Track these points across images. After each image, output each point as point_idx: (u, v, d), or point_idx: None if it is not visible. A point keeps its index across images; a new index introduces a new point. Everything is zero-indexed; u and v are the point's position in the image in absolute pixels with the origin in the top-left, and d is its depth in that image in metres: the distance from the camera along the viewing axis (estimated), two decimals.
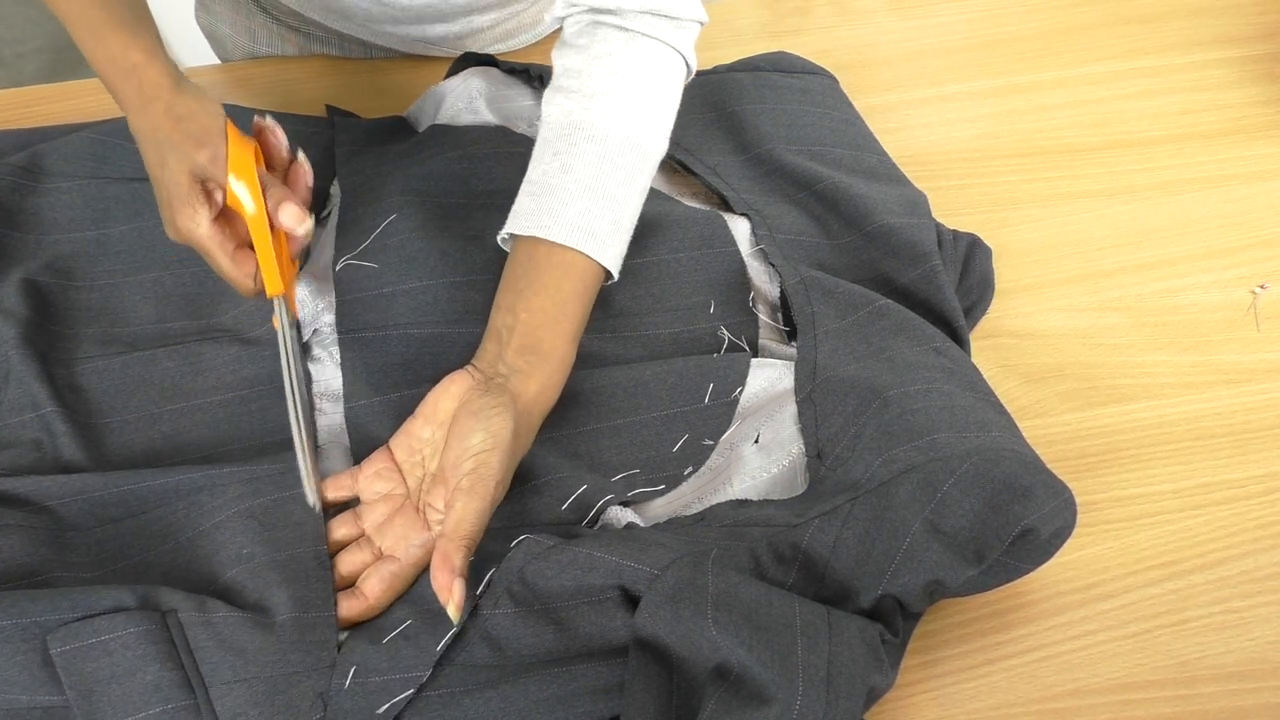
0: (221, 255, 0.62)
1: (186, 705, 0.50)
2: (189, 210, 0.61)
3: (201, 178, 0.61)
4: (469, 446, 0.57)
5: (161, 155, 0.62)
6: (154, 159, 0.62)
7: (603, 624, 0.54)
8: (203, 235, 0.62)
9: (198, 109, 0.62)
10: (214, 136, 0.61)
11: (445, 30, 0.91)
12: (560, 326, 0.63)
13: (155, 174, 0.63)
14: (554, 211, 0.64)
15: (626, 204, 0.66)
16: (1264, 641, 0.60)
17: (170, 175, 0.61)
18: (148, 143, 0.62)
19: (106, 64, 0.63)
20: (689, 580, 0.53)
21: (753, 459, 0.65)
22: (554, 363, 0.63)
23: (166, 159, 0.61)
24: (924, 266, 0.73)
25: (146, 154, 0.63)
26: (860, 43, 1.01)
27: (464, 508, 0.55)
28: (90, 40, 0.63)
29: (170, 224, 0.63)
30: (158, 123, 0.61)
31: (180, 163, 0.61)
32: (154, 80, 0.62)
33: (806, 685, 0.50)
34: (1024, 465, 0.58)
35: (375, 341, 0.67)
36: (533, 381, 0.61)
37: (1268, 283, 0.80)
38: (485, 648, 0.54)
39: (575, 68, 0.68)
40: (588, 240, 0.64)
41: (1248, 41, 1.02)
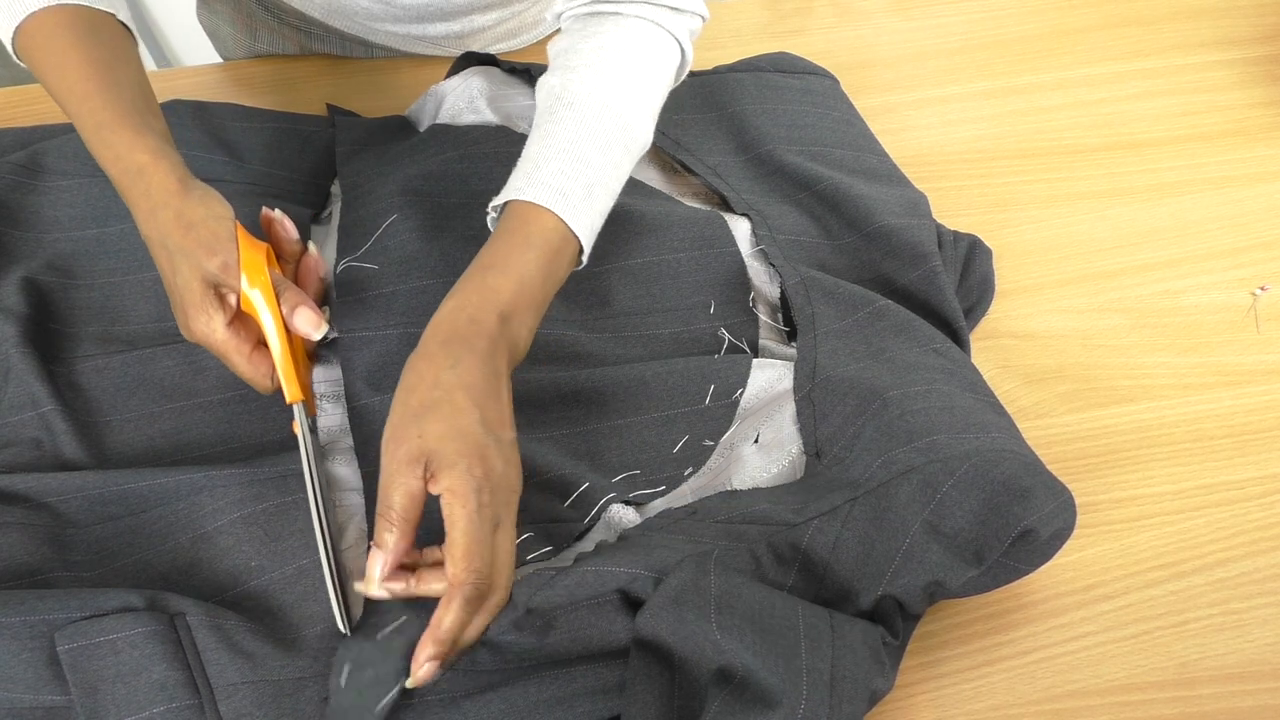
0: (238, 358, 0.61)
1: (190, 705, 0.50)
2: (204, 316, 0.61)
3: (214, 284, 0.61)
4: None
5: (173, 261, 0.61)
6: (165, 264, 0.62)
7: (603, 627, 0.54)
8: (219, 340, 0.61)
9: (206, 214, 0.61)
10: (225, 243, 0.60)
11: (447, 29, 0.91)
12: (510, 255, 0.60)
13: (168, 279, 0.62)
14: (528, 175, 0.63)
15: (600, 171, 0.64)
16: (1264, 643, 0.60)
17: (183, 281, 0.61)
18: (158, 248, 0.61)
19: (112, 163, 0.62)
20: (692, 582, 0.53)
21: (752, 459, 0.65)
22: (475, 288, 0.59)
23: (178, 265, 0.60)
24: (924, 267, 0.73)
25: (157, 258, 0.62)
26: (861, 43, 1.01)
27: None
28: (94, 137, 0.62)
29: (185, 326, 0.62)
30: (167, 230, 0.60)
31: (193, 270, 0.60)
32: (161, 184, 0.61)
33: (810, 689, 0.50)
34: (1024, 466, 0.58)
35: (377, 341, 0.67)
36: (444, 306, 0.59)
37: (1268, 284, 0.80)
38: (486, 652, 0.54)
39: (565, 48, 0.68)
40: (558, 199, 0.61)
41: (1248, 43, 1.03)
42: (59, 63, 0.64)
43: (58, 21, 0.64)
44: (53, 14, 0.64)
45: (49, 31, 0.64)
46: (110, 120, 0.62)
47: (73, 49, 0.63)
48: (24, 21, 0.64)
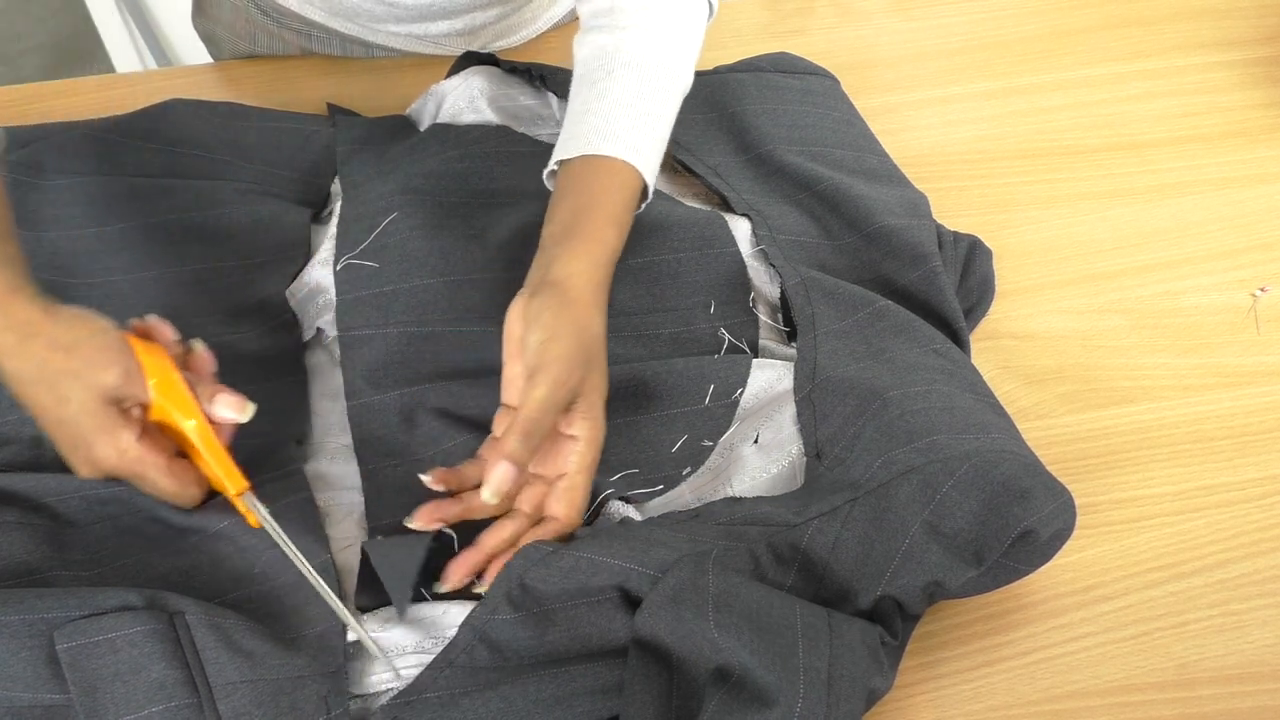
0: (158, 474, 0.56)
1: (189, 704, 0.50)
2: (108, 438, 0.55)
3: (115, 399, 0.55)
4: (529, 347, 0.60)
5: (59, 392, 0.54)
6: (49, 400, 0.55)
7: (602, 625, 0.54)
8: (132, 459, 0.55)
9: (85, 333, 0.55)
10: (116, 354, 0.55)
11: (449, 27, 0.91)
12: (598, 212, 0.64)
13: (55, 415, 0.55)
14: (597, 130, 0.66)
15: (662, 123, 0.69)
16: (1263, 644, 0.60)
17: (76, 409, 0.54)
18: (36, 385, 0.55)
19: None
20: (690, 581, 0.53)
21: (752, 459, 0.65)
22: (595, 241, 0.64)
23: (67, 393, 0.54)
24: (924, 268, 0.73)
25: (37, 397, 0.55)
26: (861, 44, 1.01)
27: (526, 396, 0.58)
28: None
29: (86, 462, 0.55)
30: (44, 359, 0.54)
31: (87, 391, 0.54)
32: (23, 316, 0.55)
33: (808, 688, 0.50)
34: (1023, 467, 0.58)
35: (375, 340, 0.67)
36: (576, 261, 0.63)
37: (1268, 285, 0.80)
38: (485, 650, 0.54)
39: (604, 8, 0.70)
40: (630, 153, 0.66)
41: (1249, 44, 1.03)
42: None
43: None
44: None
45: None
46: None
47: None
48: None
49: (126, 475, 0.56)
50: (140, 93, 0.89)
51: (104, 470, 0.56)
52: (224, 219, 0.74)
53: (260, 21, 0.93)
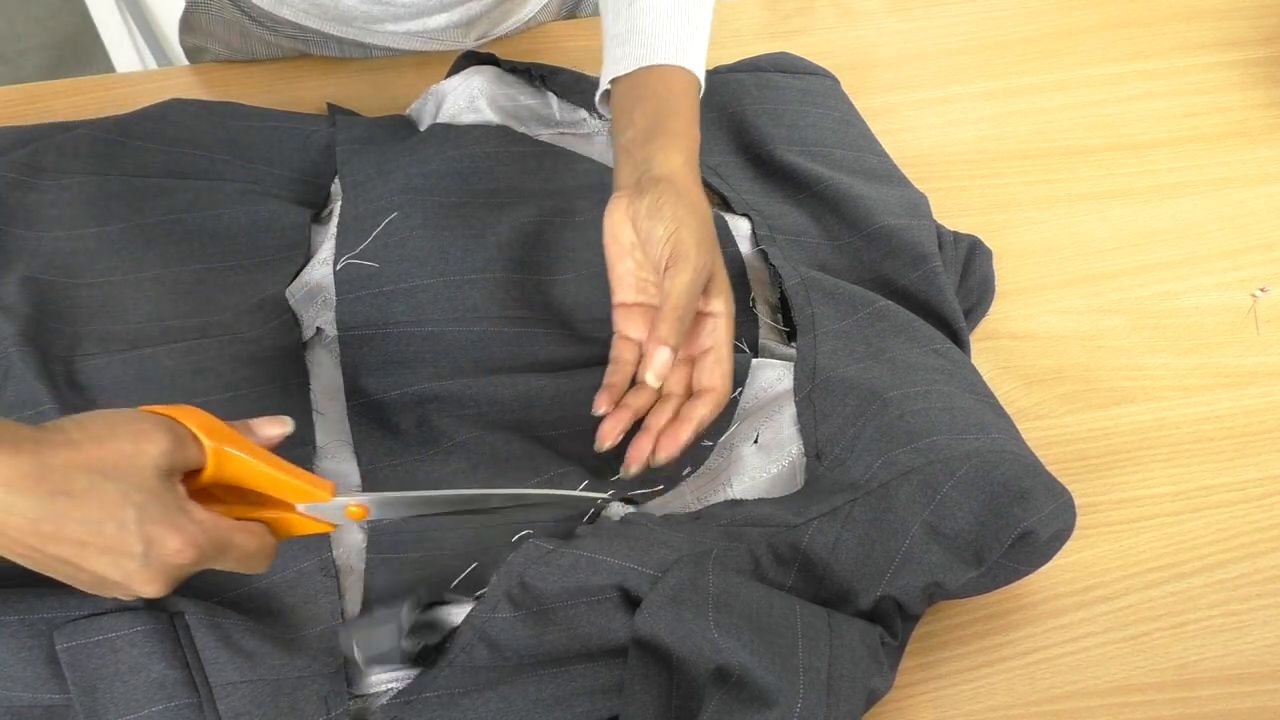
0: (242, 536, 0.50)
1: (189, 704, 0.50)
2: (182, 519, 0.47)
3: (170, 470, 0.48)
4: (656, 239, 0.62)
5: (104, 498, 0.45)
6: (93, 514, 0.45)
7: (602, 625, 0.54)
8: (213, 529, 0.48)
9: (105, 418, 0.48)
10: (150, 420, 0.48)
11: (446, 20, 0.91)
12: (676, 114, 0.67)
13: (102, 534, 0.46)
14: (649, 43, 0.68)
15: (701, 29, 0.71)
16: (1263, 645, 0.60)
17: (137, 505, 0.46)
18: (66, 509, 0.45)
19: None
20: (690, 581, 0.53)
21: (752, 459, 0.65)
22: (685, 137, 0.67)
23: (119, 492, 0.46)
24: (924, 268, 0.73)
25: (69, 528, 0.45)
26: (861, 44, 1.01)
27: (670, 284, 0.61)
28: None
29: (160, 568, 0.47)
30: (67, 472, 0.45)
31: (141, 474, 0.46)
32: (26, 433, 0.45)
33: (807, 688, 0.50)
34: (1023, 467, 0.58)
35: (376, 339, 0.67)
36: (675, 155, 0.65)
37: (1268, 285, 0.80)
38: (484, 649, 0.54)
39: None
40: (683, 56, 0.68)
41: (1249, 45, 1.03)
42: None
43: None
44: None
45: None
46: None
47: None
48: None
49: (208, 554, 0.48)
50: (140, 93, 0.89)
51: (181, 565, 0.47)
52: (224, 219, 0.74)
53: (255, 33, 0.93)
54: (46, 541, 0.45)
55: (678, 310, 0.61)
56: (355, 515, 0.53)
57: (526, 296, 0.70)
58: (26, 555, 0.46)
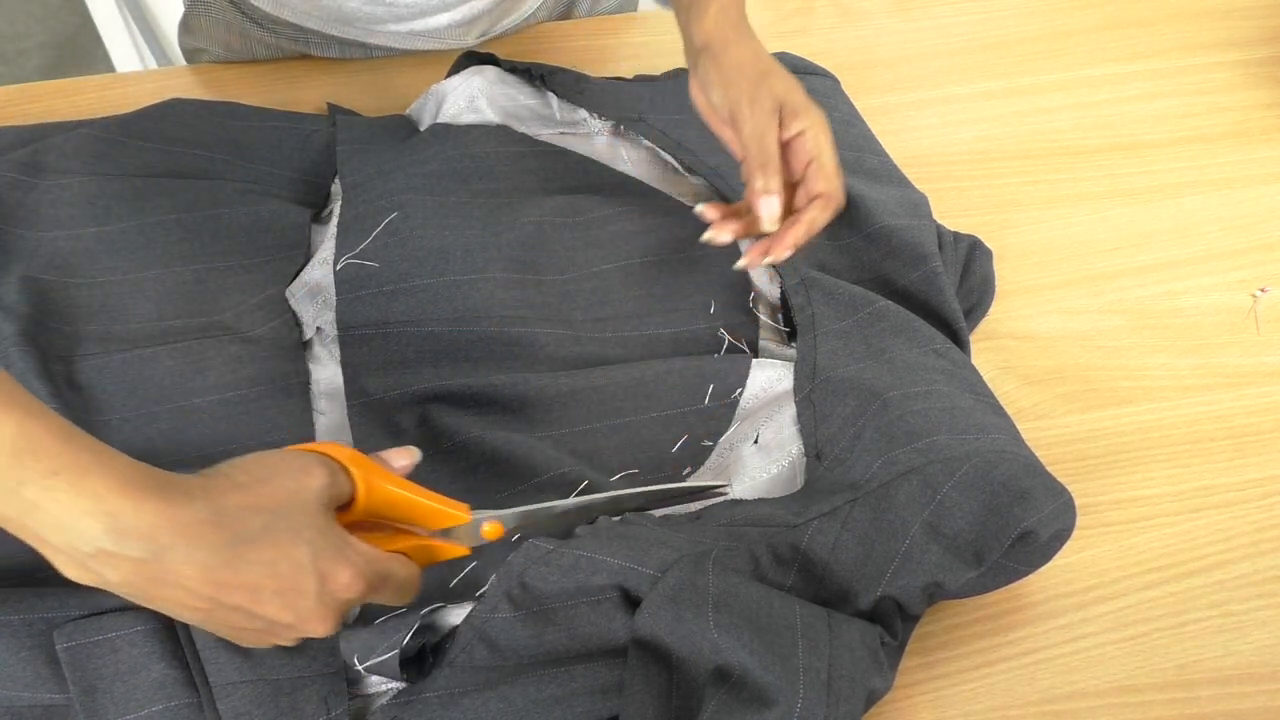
0: (397, 565, 0.50)
1: (189, 704, 0.50)
2: (350, 552, 0.47)
3: (329, 503, 0.48)
4: (717, 109, 0.69)
5: (276, 536, 0.45)
6: (270, 555, 0.45)
7: (602, 625, 0.54)
8: (374, 559, 0.48)
9: (263, 458, 0.48)
10: (304, 455, 0.48)
11: (448, 19, 0.91)
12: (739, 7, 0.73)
13: (278, 575, 0.45)
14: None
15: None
16: (1262, 645, 0.60)
17: (308, 541, 0.45)
18: (247, 542, 0.44)
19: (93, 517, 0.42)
20: (690, 581, 0.53)
21: (752, 460, 0.65)
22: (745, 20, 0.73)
23: (290, 529, 0.45)
24: (924, 268, 0.73)
25: (249, 571, 0.44)
26: (862, 44, 1.01)
27: (741, 141, 0.67)
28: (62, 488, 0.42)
29: (332, 603, 0.46)
30: (240, 514, 0.45)
31: (308, 512, 0.46)
32: (194, 481, 0.45)
33: (807, 688, 0.50)
34: (1024, 468, 0.58)
35: (376, 340, 0.67)
36: (705, 18, 0.71)
37: (1268, 286, 0.80)
38: (484, 649, 0.54)
39: None
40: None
41: (1249, 45, 1.03)
42: None
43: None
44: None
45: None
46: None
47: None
48: None
49: (373, 585, 0.48)
50: (140, 93, 0.89)
51: (349, 599, 0.47)
52: (224, 219, 0.74)
53: (255, 34, 0.93)
54: (223, 590, 0.44)
55: (757, 160, 0.66)
56: (491, 534, 0.54)
57: (527, 297, 0.70)
58: (199, 609, 0.45)
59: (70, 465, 0.42)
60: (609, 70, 0.93)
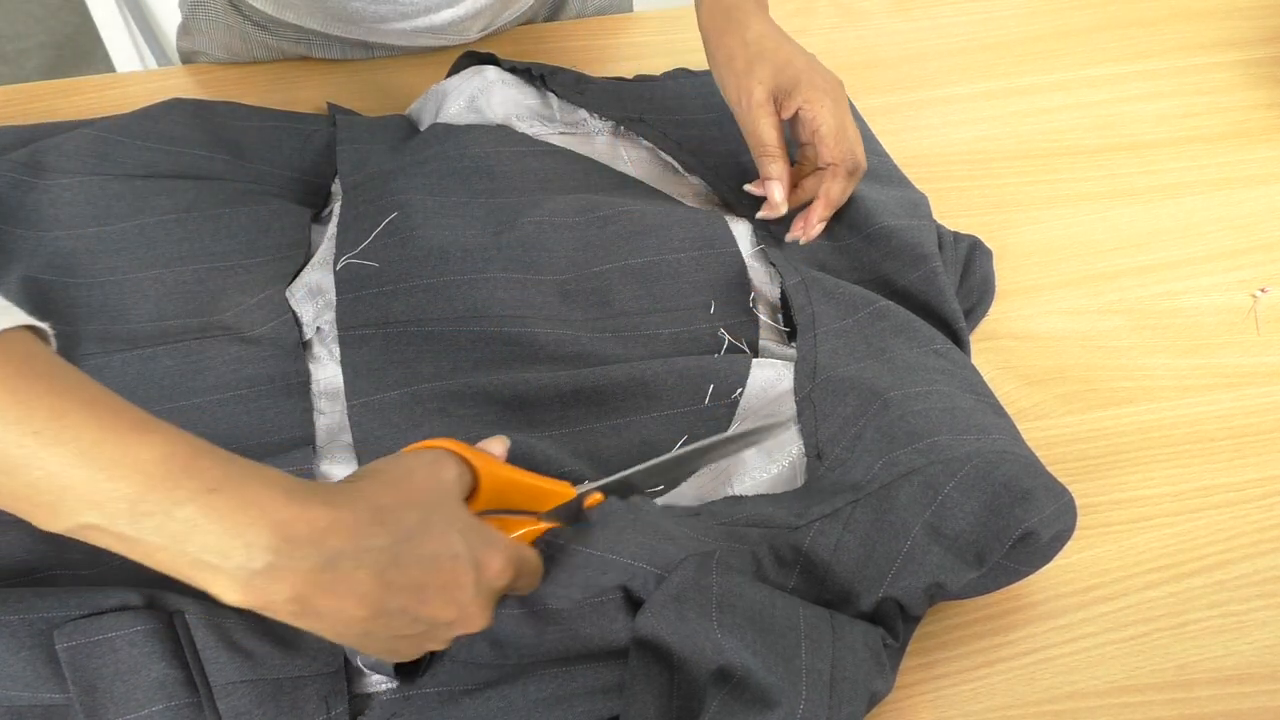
0: (527, 550, 0.50)
1: (189, 704, 0.50)
2: (494, 537, 0.48)
3: (463, 496, 0.49)
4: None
5: (433, 524, 0.45)
6: (429, 544, 0.45)
7: (604, 625, 0.54)
8: (511, 545, 0.49)
9: (390, 460, 0.48)
10: (437, 452, 0.49)
11: (452, 15, 0.91)
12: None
13: (446, 550, 0.45)
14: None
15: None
16: (1262, 645, 0.60)
17: (459, 532, 0.46)
18: (408, 538, 0.44)
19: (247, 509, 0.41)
20: (693, 581, 0.53)
21: (752, 459, 0.65)
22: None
23: (443, 523, 0.46)
24: (924, 268, 0.73)
25: (419, 549, 0.44)
26: (862, 44, 1.01)
27: (745, 132, 0.74)
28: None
29: (489, 592, 0.47)
30: (400, 513, 0.45)
31: (455, 503, 0.47)
32: (344, 487, 0.45)
33: (810, 690, 0.50)
34: (1024, 468, 0.58)
35: (376, 339, 0.67)
36: (700, 17, 0.77)
37: (1269, 286, 0.80)
38: (486, 646, 0.54)
39: None
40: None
41: (1250, 45, 1.03)
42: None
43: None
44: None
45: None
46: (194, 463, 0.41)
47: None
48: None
49: (517, 572, 0.49)
50: (140, 93, 0.89)
51: (500, 588, 0.48)
52: (224, 219, 0.74)
53: (256, 37, 0.93)
54: (390, 592, 0.43)
55: (755, 151, 0.73)
56: (594, 504, 0.55)
57: (527, 297, 0.70)
58: (361, 620, 0.43)
59: (228, 479, 0.41)
60: (609, 70, 0.93)
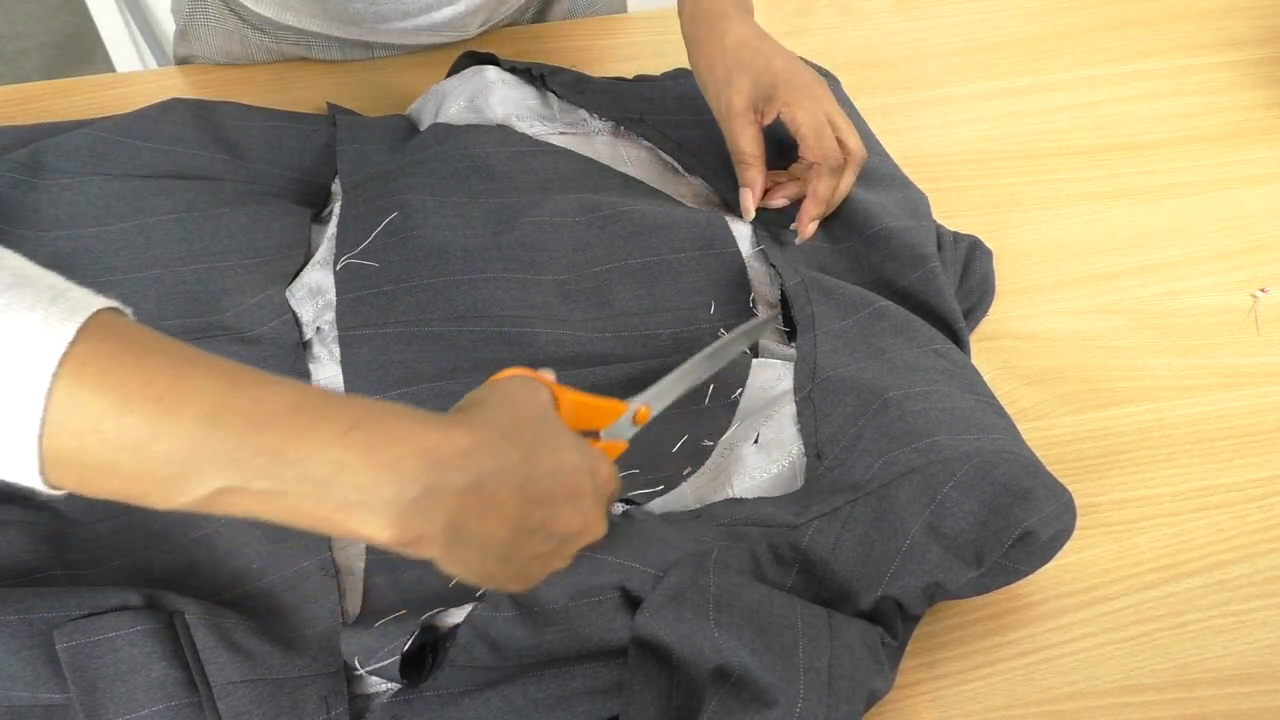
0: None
1: (189, 704, 0.50)
2: (595, 449, 0.50)
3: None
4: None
5: (547, 438, 0.47)
6: (551, 457, 0.46)
7: (602, 625, 0.54)
8: (598, 453, 0.50)
9: (485, 389, 0.48)
10: (517, 378, 0.49)
11: (453, 12, 0.91)
12: None
13: (565, 463, 0.47)
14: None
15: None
16: (1263, 645, 0.60)
17: (568, 441, 0.48)
18: (533, 452, 0.45)
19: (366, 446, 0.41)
20: (691, 580, 0.53)
21: (752, 459, 0.65)
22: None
23: (553, 431, 0.47)
24: (923, 269, 0.73)
25: (544, 462, 0.46)
26: (862, 44, 1.01)
27: (728, 141, 0.77)
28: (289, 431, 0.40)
29: (601, 496, 0.49)
30: (517, 421, 0.46)
31: (553, 418, 0.48)
32: (462, 415, 0.46)
33: (808, 688, 0.50)
34: (1024, 468, 0.58)
35: (376, 339, 0.67)
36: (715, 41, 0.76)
37: (1268, 286, 0.80)
38: (484, 649, 0.54)
39: None
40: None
41: (1249, 45, 1.03)
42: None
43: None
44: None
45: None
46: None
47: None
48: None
49: (616, 480, 0.51)
50: (140, 93, 0.89)
51: (610, 495, 0.50)
52: (224, 219, 0.74)
53: (255, 39, 0.93)
54: (530, 508, 0.45)
55: (734, 158, 0.76)
56: (641, 420, 0.56)
57: (527, 297, 0.70)
58: (506, 544, 0.45)
59: (366, 416, 0.41)
60: (609, 70, 0.93)
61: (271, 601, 0.56)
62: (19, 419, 0.38)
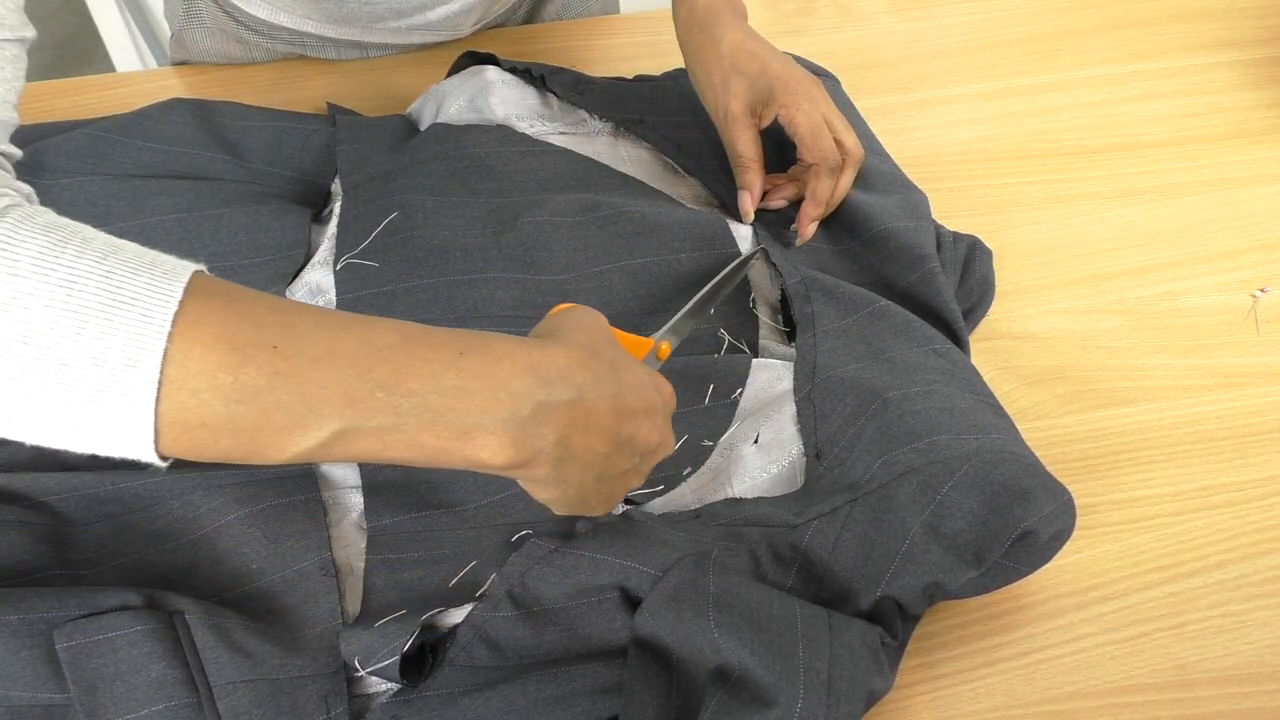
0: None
1: (189, 704, 0.50)
2: (652, 371, 0.52)
3: None
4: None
5: (620, 357, 0.49)
6: (628, 374, 0.48)
7: (602, 625, 0.54)
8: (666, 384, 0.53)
9: (549, 319, 0.50)
10: (573, 308, 0.52)
11: (447, 11, 0.91)
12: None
13: (639, 380, 0.49)
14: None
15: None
16: (1262, 645, 0.60)
17: (634, 360, 0.50)
18: (614, 369, 0.47)
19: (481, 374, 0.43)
20: (690, 581, 0.53)
21: (752, 459, 0.65)
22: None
23: (622, 352, 0.50)
24: (922, 269, 0.73)
25: (623, 377, 0.48)
26: (862, 44, 1.01)
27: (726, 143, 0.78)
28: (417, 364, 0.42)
29: (669, 412, 0.51)
30: (594, 342, 0.48)
31: (617, 342, 0.51)
32: (544, 339, 0.47)
33: (807, 688, 0.50)
34: (1024, 468, 0.58)
35: None
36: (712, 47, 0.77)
37: (1268, 286, 0.80)
38: (484, 649, 0.54)
39: None
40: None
41: (1249, 45, 1.03)
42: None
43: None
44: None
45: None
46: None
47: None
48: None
49: (670, 388, 0.52)
50: (140, 93, 0.89)
51: (673, 412, 0.52)
52: (224, 219, 0.74)
53: (253, 41, 0.93)
54: (621, 420, 0.46)
55: (731, 162, 0.77)
56: (664, 354, 0.59)
57: (527, 296, 0.70)
58: (604, 456, 0.46)
59: (469, 342, 0.43)
60: (606, 70, 0.93)
61: (271, 601, 0.56)
62: (135, 383, 0.38)
